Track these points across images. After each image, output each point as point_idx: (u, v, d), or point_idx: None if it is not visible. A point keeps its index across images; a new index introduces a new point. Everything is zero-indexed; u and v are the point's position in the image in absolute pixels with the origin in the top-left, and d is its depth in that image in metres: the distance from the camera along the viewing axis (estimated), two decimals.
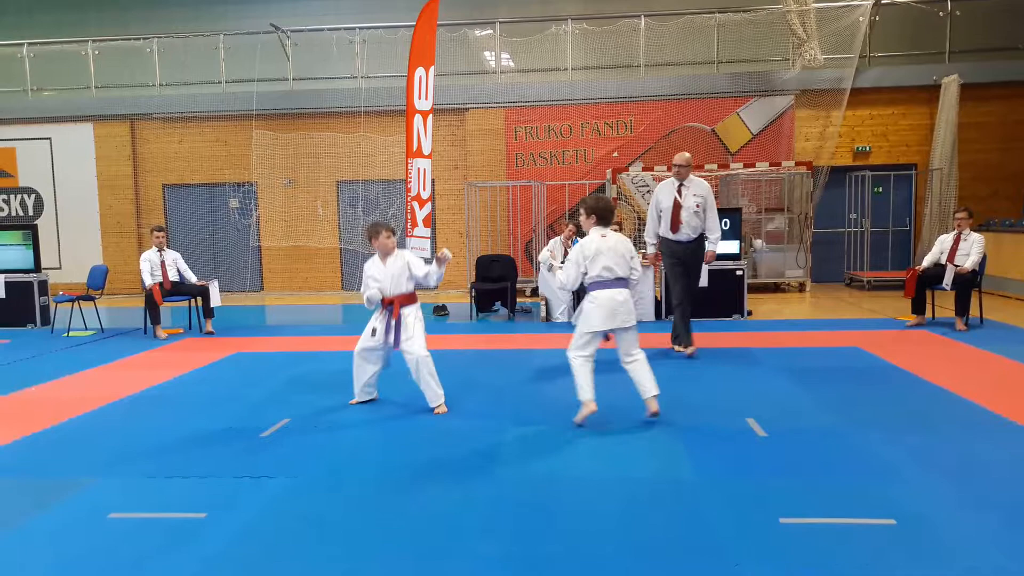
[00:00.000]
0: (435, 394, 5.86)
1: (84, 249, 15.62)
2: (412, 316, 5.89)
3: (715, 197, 14.17)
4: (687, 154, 7.92)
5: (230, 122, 15.38)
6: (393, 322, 5.81)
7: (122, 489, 4.37)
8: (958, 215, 9.39)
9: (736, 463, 4.59)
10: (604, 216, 5.41)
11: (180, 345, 9.33)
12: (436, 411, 5.82)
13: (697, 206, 7.69)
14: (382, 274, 5.86)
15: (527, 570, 3.30)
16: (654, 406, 5.42)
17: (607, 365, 7.59)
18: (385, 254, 5.90)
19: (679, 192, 7.77)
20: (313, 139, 15.20)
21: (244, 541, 3.66)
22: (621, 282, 5.29)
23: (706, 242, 7.87)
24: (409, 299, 5.92)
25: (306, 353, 8.65)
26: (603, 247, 5.28)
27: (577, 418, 5.38)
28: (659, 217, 7.95)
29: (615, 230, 11.68)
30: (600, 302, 5.27)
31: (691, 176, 7.84)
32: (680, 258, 7.87)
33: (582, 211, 5.45)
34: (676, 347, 8.00)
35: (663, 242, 8.02)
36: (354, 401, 6.16)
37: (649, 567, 3.30)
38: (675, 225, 7.78)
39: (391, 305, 5.83)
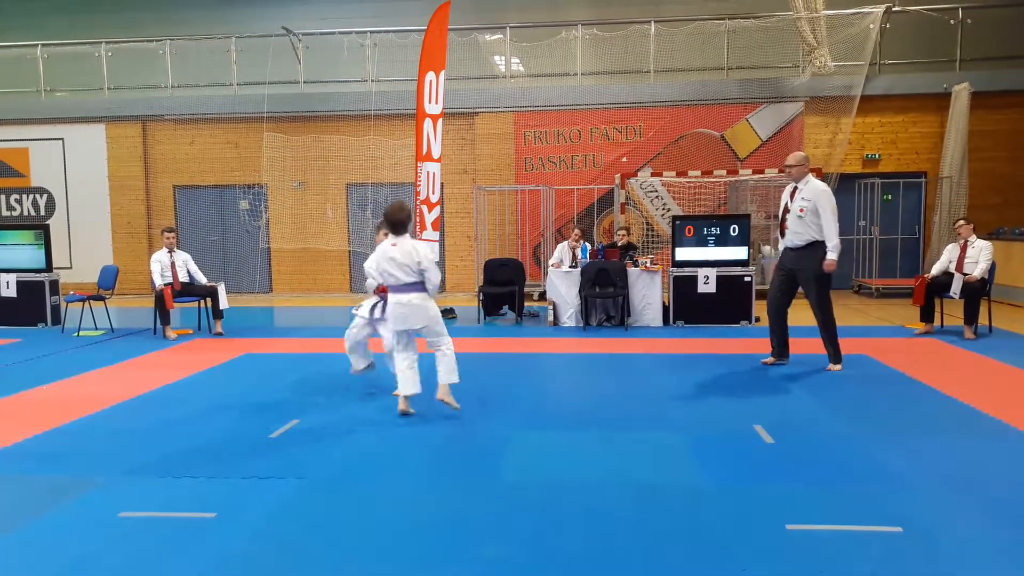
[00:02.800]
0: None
1: (95, 249, 15.70)
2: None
3: (723, 203, 14.35)
4: (800, 153, 7.41)
5: (241, 124, 15.45)
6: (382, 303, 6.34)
7: (132, 488, 4.40)
8: (957, 224, 9.43)
9: (743, 469, 4.60)
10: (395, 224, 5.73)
11: (189, 346, 9.38)
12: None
13: (801, 210, 7.16)
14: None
15: (534, 573, 3.32)
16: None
17: (620, 369, 7.61)
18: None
19: (791, 195, 7.32)
20: (323, 142, 15.26)
21: (253, 541, 3.68)
22: (409, 287, 5.69)
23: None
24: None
25: (315, 355, 8.68)
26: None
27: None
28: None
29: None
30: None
31: (809, 177, 7.27)
32: (784, 266, 7.46)
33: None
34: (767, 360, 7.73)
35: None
36: (354, 370, 6.67)
37: (656, 572, 3.31)
38: (782, 230, 7.43)
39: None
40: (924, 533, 3.64)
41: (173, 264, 10.10)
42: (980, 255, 9.15)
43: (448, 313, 11.71)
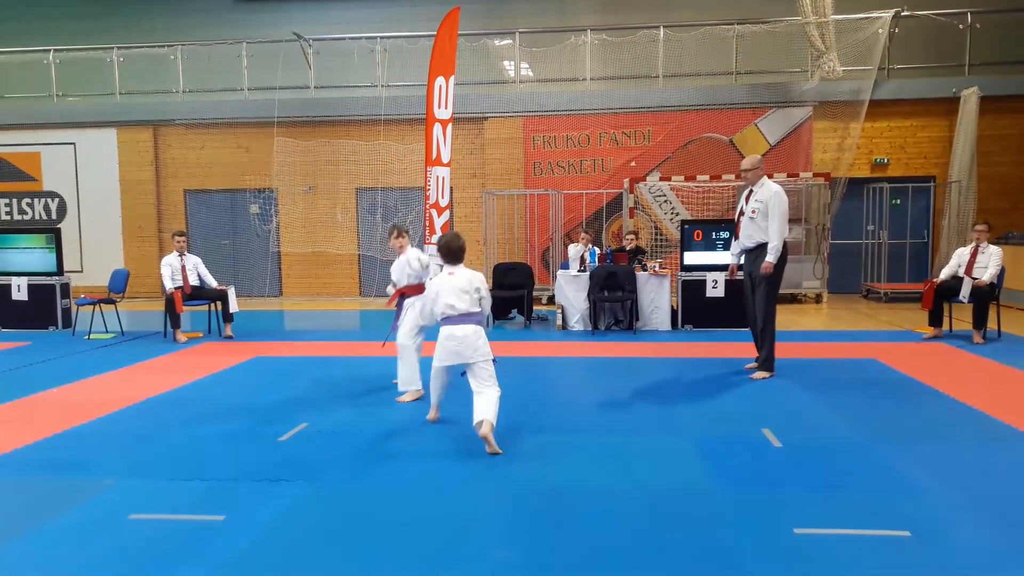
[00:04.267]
0: (401, 378, 6.56)
1: (106, 253, 15.80)
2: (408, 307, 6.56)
3: (732, 207, 14.33)
4: (755, 156, 7.45)
5: (252, 129, 15.53)
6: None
7: (142, 491, 4.44)
8: (978, 227, 9.35)
9: (751, 473, 4.60)
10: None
11: (199, 349, 9.42)
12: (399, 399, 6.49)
13: (754, 212, 7.22)
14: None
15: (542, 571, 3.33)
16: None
17: (628, 373, 7.63)
18: (398, 253, 6.78)
19: (746, 198, 7.38)
20: (333, 146, 15.32)
21: (262, 544, 3.71)
22: (465, 318, 5.34)
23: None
24: (414, 290, 6.55)
25: (324, 358, 8.72)
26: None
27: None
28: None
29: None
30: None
31: (764, 180, 7.31)
32: (745, 268, 7.48)
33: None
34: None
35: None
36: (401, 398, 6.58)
37: (663, 575, 3.32)
38: (736, 232, 7.47)
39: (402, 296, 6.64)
40: (932, 538, 3.64)
41: (183, 268, 10.16)
42: (990, 260, 9.13)
43: None
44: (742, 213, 7.35)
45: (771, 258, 7.04)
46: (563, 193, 14.42)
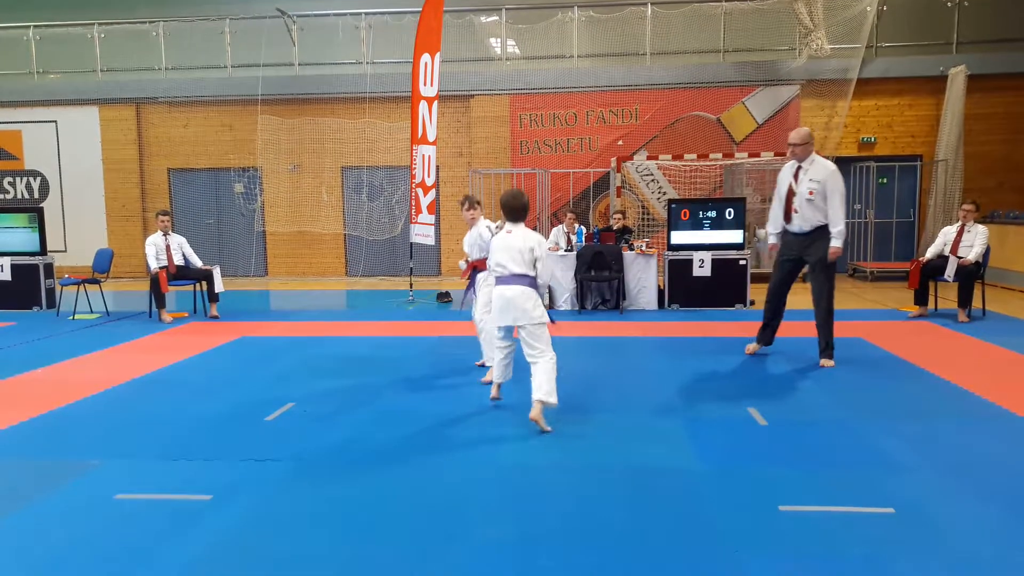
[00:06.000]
0: (486, 356, 6.63)
1: (89, 232, 15.66)
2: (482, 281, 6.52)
3: (719, 186, 14.33)
4: (804, 129, 6.87)
5: (235, 107, 15.38)
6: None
7: (128, 471, 4.42)
8: (965, 207, 9.38)
9: (737, 452, 4.62)
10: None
11: (185, 329, 9.37)
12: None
13: (811, 193, 6.65)
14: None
15: (529, 554, 3.34)
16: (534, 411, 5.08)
17: (614, 352, 7.64)
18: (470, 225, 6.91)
19: (795, 176, 6.80)
20: (318, 124, 15.20)
21: (249, 522, 3.70)
22: (517, 278, 5.23)
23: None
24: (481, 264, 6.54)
25: (310, 338, 8.69)
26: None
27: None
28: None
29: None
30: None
31: (815, 156, 6.80)
32: (789, 253, 6.99)
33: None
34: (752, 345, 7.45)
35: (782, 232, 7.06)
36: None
37: (649, 553, 3.34)
38: (788, 213, 6.84)
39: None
40: (916, 514, 3.67)
41: (168, 247, 10.09)
42: (976, 240, 9.18)
43: (444, 296, 11.72)
44: (792, 193, 6.75)
45: (838, 243, 6.66)
46: (550, 172, 14.37)
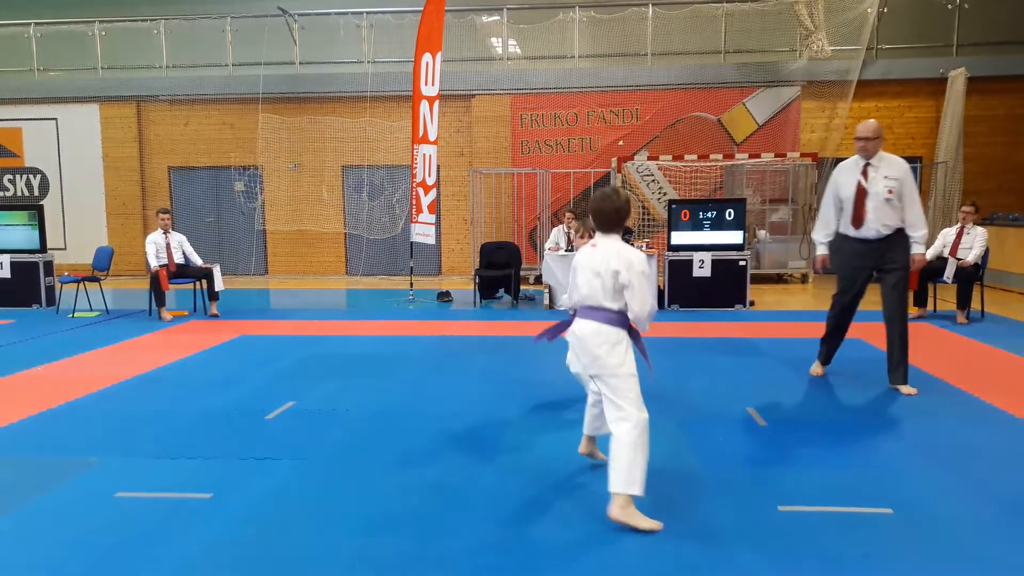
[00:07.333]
0: None
1: (89, 230, 15.67)
2: None
3: (719, 187, 14.35)
4: (873, 122, 6.07)
5: (236, 105, 15.39)
6: None
7: (128, 469, 4.42)
8: (964, 208, 9.40)
9: (736, 452, 4.63)
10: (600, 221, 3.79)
11: (185, 327, 9.38)
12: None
13: (890, 192, 5.86)
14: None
15: (528, 551, 3.35)
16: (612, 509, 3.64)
17: None
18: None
19: (863, 174, 5.99)
20: (319, 123, 15.21)
21: (250, 521, 3.71)
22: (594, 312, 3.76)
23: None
24: None
25: (310, 337, 8.70)
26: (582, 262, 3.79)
27: None
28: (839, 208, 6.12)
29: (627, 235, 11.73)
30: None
31: (882, 153, 6.03)
32: (863, 262, 6.02)
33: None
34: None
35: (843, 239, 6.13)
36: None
37: (648, 552, 3.35)
38: (860, 217, 5.94)
39: None
40: (914, 515, 3.68)
41: (168, 245, 10.10)
42: (975, 241, 9.20)
43: (444, 296, 11.73)
44: (863, 193, 5.90)
45: (923, 249, 5.92)
46: (551, 172, 14.38)
